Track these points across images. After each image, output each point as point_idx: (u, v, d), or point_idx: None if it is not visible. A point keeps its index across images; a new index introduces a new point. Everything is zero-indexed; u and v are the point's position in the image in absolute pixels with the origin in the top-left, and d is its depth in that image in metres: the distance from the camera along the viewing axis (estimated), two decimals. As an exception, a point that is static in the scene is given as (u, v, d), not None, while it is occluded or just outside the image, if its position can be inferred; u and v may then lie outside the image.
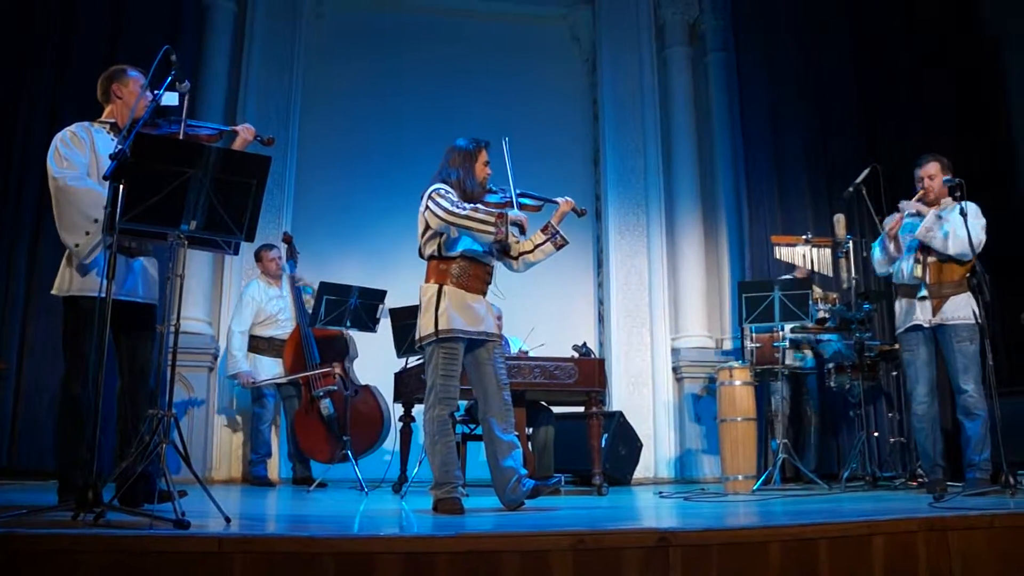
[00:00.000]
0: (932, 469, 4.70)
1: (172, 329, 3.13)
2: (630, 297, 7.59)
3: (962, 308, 4.59)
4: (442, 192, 3.62)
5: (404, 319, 5.53)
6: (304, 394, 6.15)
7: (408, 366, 5.73)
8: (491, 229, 3.55)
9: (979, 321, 4.56)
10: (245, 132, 3.67)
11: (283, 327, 6.32)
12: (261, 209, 3.13)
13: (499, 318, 5.91)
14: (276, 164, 6.52)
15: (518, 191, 3.83)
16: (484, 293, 3.75)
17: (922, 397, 4.70)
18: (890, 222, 4.76)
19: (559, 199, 3.91)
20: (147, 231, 3.04)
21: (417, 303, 3.72)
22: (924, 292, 4.66)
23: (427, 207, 3.62)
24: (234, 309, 6.40)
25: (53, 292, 3.44)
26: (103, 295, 2.83)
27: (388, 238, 7.18)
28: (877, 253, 4.95)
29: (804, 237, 6.13)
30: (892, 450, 5.95)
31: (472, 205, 3.62)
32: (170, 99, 3.44)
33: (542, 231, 3.87)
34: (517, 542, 2.38)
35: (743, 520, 3.12)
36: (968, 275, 4.61)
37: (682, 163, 7.81)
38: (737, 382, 5.44)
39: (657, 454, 7.26)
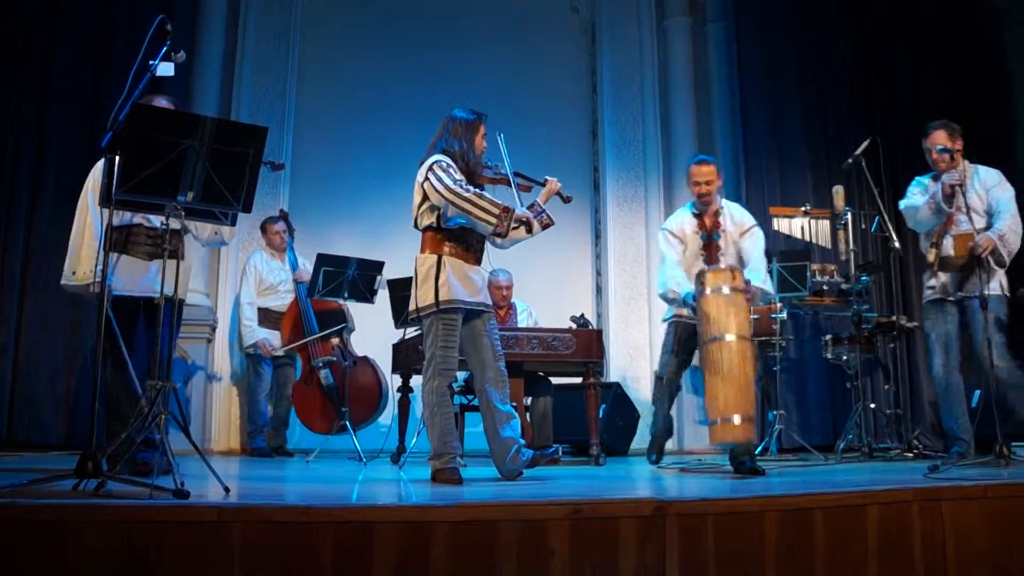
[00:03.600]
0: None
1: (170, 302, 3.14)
2: (628, 268, 7.59)
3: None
4: (444, 166, 3.57)
5: (402, 290, 5.52)
6: (303, 365, 6.17)
7: (406, 337, 5.74)
8: (493, 220, 3.52)
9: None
10: None
11: (282, 298, 6.33)
12: (258, 180, 3.11)
13: (509, 287, 5.95)
14: (272, 135, 6.46)
15: (513, 171, 3.82)
16: (479, 263, 3.74)
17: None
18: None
19: (548, 178, 3.91)
20: (144, 202, 3.03)
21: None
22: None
23: (427, 178, 3.58)
24: (240, 282, 6.43)
25: (75, 283, 3.69)
26: (103, 283, 2.91)
27: (386, 209, 7.13)
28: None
29: (803, 209, 6.11)
30: (888, 421, 5.97)
31: (476, 190, 3.58)
32: (165, 70, 3.40)
33: (528, 209, 3.85)
34: (515, 511, 2.39)
35: (739, 490, 3.14)
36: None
37: (681, 134, 7.76)
38: (726, 288, 3.89)
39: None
